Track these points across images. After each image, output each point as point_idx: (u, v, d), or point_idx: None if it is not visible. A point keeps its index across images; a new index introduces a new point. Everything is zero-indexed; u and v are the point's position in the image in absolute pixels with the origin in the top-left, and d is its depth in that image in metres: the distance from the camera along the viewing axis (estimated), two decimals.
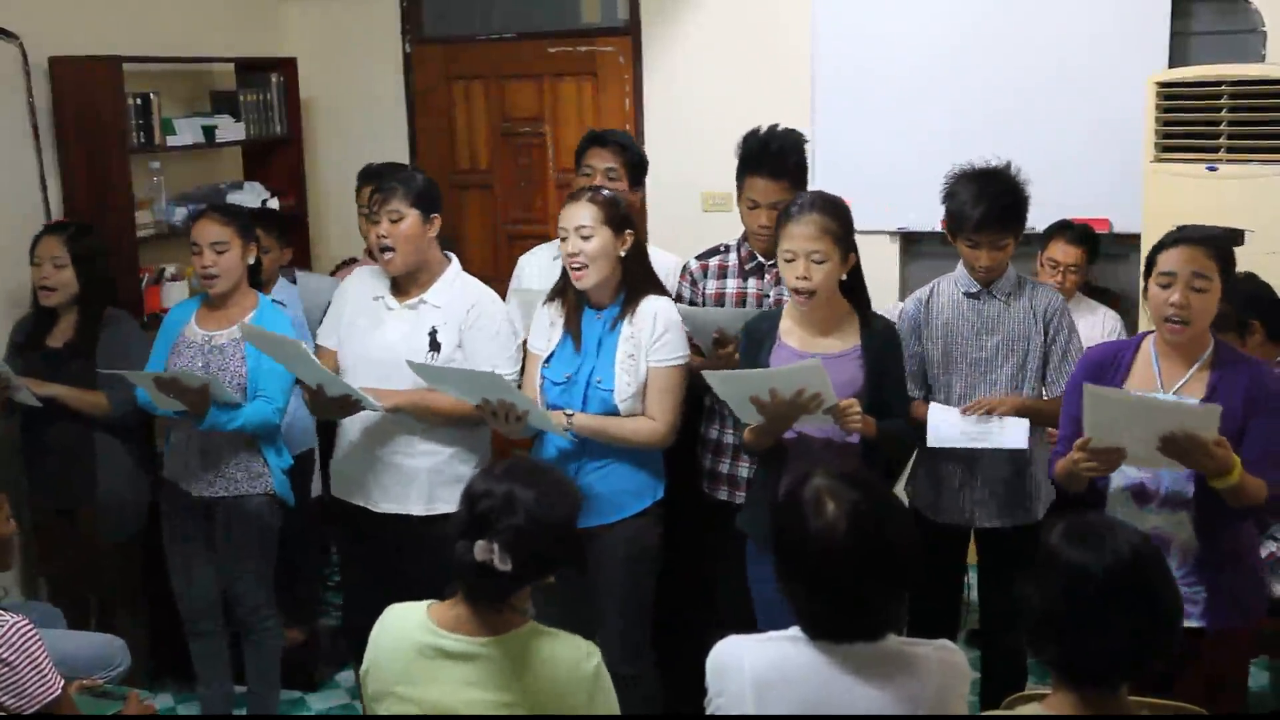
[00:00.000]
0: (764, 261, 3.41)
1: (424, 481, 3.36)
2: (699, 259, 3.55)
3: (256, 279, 3.72)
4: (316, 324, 3.69)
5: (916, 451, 3.36)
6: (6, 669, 2.52)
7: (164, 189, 4.72)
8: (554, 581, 2.23)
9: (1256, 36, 4.48)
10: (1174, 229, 2.79)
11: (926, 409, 3.22)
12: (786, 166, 3.36)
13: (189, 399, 3.38)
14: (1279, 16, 4.43)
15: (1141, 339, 2.84)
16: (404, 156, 5.61)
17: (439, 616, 2.22)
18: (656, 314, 3.18)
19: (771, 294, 3.39)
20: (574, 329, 3.22)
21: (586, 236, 3.14)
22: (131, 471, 3.97)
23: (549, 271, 3.53)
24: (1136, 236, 4.28)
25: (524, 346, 3.37)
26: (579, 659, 2.20)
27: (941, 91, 4.85)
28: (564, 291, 3.27)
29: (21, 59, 4.31)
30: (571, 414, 3.16)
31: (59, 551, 4.08)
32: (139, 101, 4.52)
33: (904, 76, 4.89)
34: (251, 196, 4.98)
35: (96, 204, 4.39)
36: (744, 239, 3.50)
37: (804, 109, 4.97)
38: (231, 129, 4.99)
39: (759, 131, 3.41)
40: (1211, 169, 4.08)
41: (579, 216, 3.16)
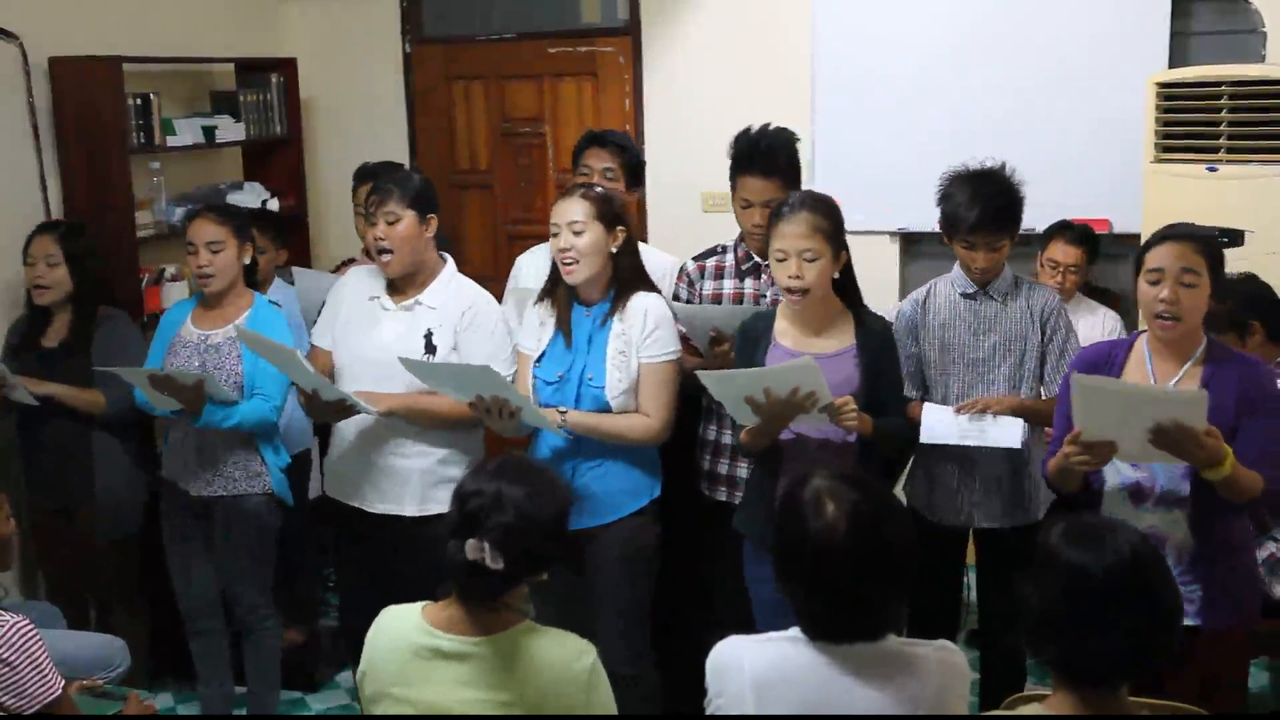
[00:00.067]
0: (760, 262, 3.41)
1: (417, 482, 3.36)
2: (696, 260, 3.54)
3: (253, 279, 3.72)
4: (314, 322, 3.69)
5: (914, 452, 3.36)
6: (7, 669, 2.52)
7: (164, 189, 4.71)
8: (548, 580, 2.23)
9: (1256, 36, 4.48)
10: (1163, 227, 2.81)
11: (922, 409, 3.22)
12: (778, 165, 3.36)
13: (184, 397, 3.39)
14: (1279, 16, 4.43)
15: (1134, 338, 2.85)
16: (404, 156, 5.61)
17: (433, 617, 2.22)
18: (647, 310, 3.18)
19: (768, 294, 3.39)
20: (564, 326, 3.22)
21: (578, 232, 3.14)
22: (129, 470, 3.97)
23: (547, 271, 3.52)
24: (1136, 237, 4.27)
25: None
26: (574, 657, 2.20)
27: (941, 91, 4.85)
28: (554, 290, 3.27)
29: (21, 59, 4.30)
30: (565, 411, 3.16)
31: (57, 550, 4.08)
32: (139, 101, 4.51)
33: (904, 76, 4.90)
34: (251, 197, 4.98)
35: (96, 204, 4.39)
36: (740, 240, 3.50)
37: (804, 109, 4.98)
38: (231, 129, 4.99)
39: (750, 131, 3.42)
40: (1211, 169, 4.08)
41: (571, 212, 3.16)
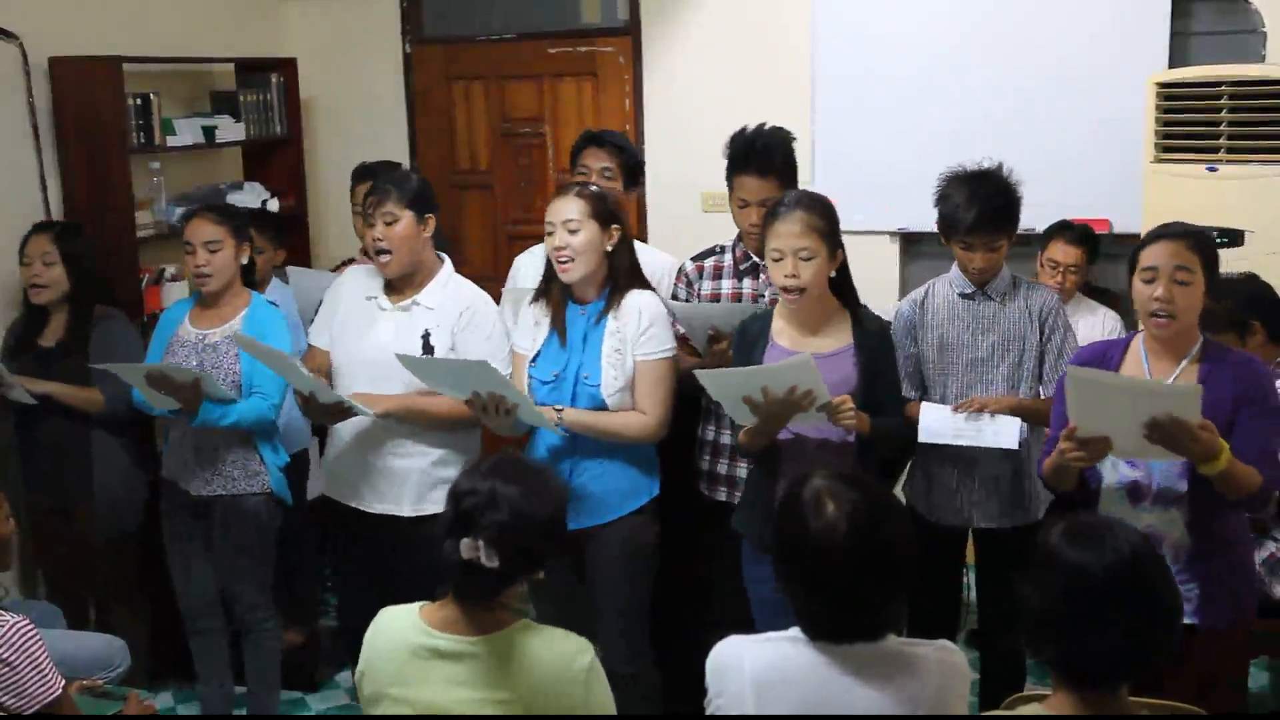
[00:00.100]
0: (759, 261, 3.40)
1: (414, 482, 3.37)
2: (694, 260, 3.55)
3: (250, 279, 3.72)
4: (310, 321, 3.69)
5: (914, 453, 3.36)
6: (7, 669, 2.52)
7: (164, 189, 4.71)
8: (548, 580, 2.23)
9: (1256, 36, 4.48)
10: (1156, 226, 2.81)
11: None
12: (773, 164, 3.37)
13: (181, 395, 3.39)
14: (1279, 16, 4.43)
15: (1131, 337, 2.85)
16: (404, 156, 5.61)
17: (431, 617, 2.23)
18: (641, 308, 3.18)
19: (766, 294, 3.39)
20: (559, 325, 3.22)
21: (574, 230, 3.14)
22: (127, 468, 3.97)
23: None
24: (1137, 237, 4.21)
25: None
26: (572, 655, 2.20)
27: (941, 91, 4.85)
28: (548, 290, 3.27)
29: (21, 59, 4.30)
30: (561, 409, 3.15)
31: (55, 549, 4.08)
32: (139, 101, 4.51)
33: (904, 76, 4.89)
34: (251, 197, 4.98)
35: (96, 204, 4.39)
36: (739, 240, 3.50)
37: (804, 109, 4.98)
38: (231, 129, 4.99)
39: (745, 131, 3.43)
40: (1211, 169, 4.08)
41: (566, 210, 3.16)
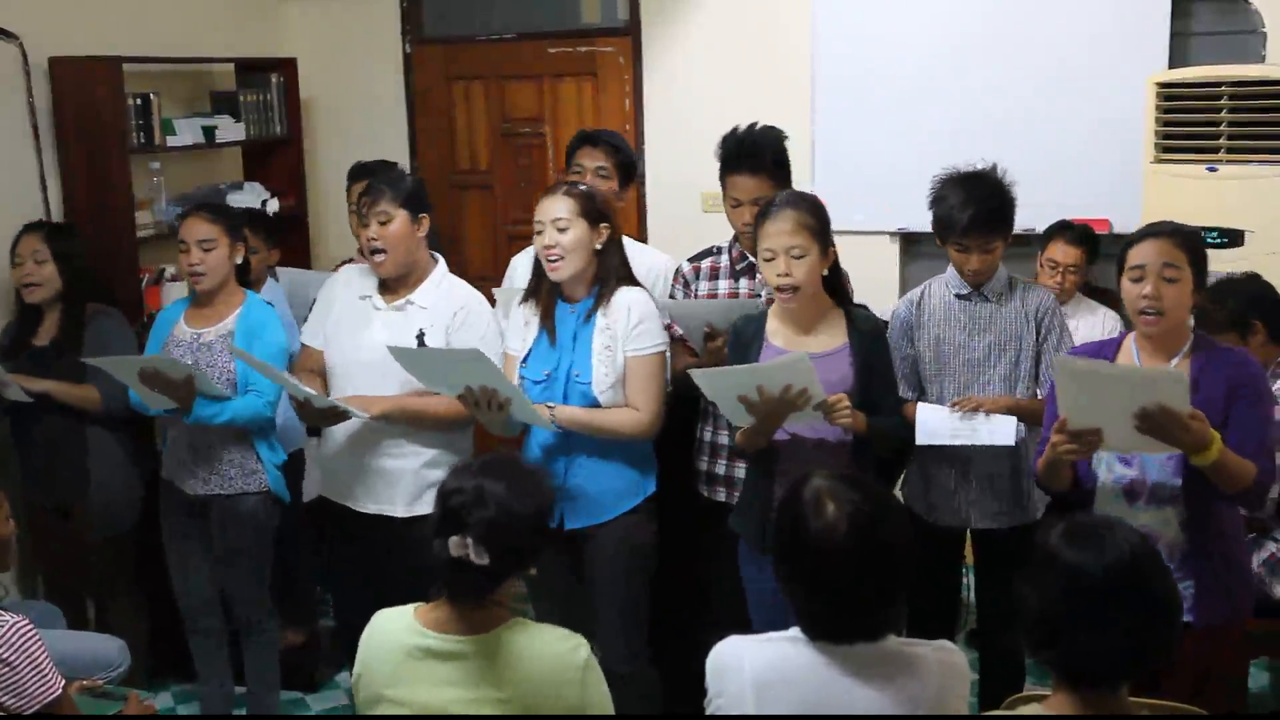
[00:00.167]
0: (755, 261, 3.40)
1: (408, 483, 3.37)
2: (691, 261, 3.55)
3: (245, 279, 3.72)
4: (303, 319, 3.68)
5: (911, 455, 3.36)
6: (6, 669, 2.52)
7: (164, 189, 4.71)
8: (547, 580, 2.23)
9: (1256, 37, 4.47)
10: (1144, 225, 2.83)
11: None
12: (764, 162, 3.37)
13: (173, 392, 3.39)
14: (1279, 17, 4.43)
15: (1123, 336, 2.87)
16: (404, 157, 5.61)
17: (425, 617, 2.23)
18: (631, 304, 3.18)
19: (763, 294, 3.39)
20: (549, 324, 3.22)
21: (563, 229, 3.14)
22: (124, 466, 3.97)
23: None
24: None
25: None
26: (567, 651, 2.21)
27: (941, 91, 4.85)
28: (537, 290, 3.27)
29: (21, 59, 4.30)
30: (554, 406, 3.15)
31: (52, 547, 4.08)
32: (139, 101, 4.51)
33: (904, 76, 4.89)
34: (251, 197, 4.98)
35: (96, 204, 4.39)
36: (735, 240, 3.50)
37: (804, 109, 4.98)
38: (231, 129, 4.99)
39: (736, 131, 3.43)
40: (1211, 169, 4.08)
41: (555, 209, 3.16)
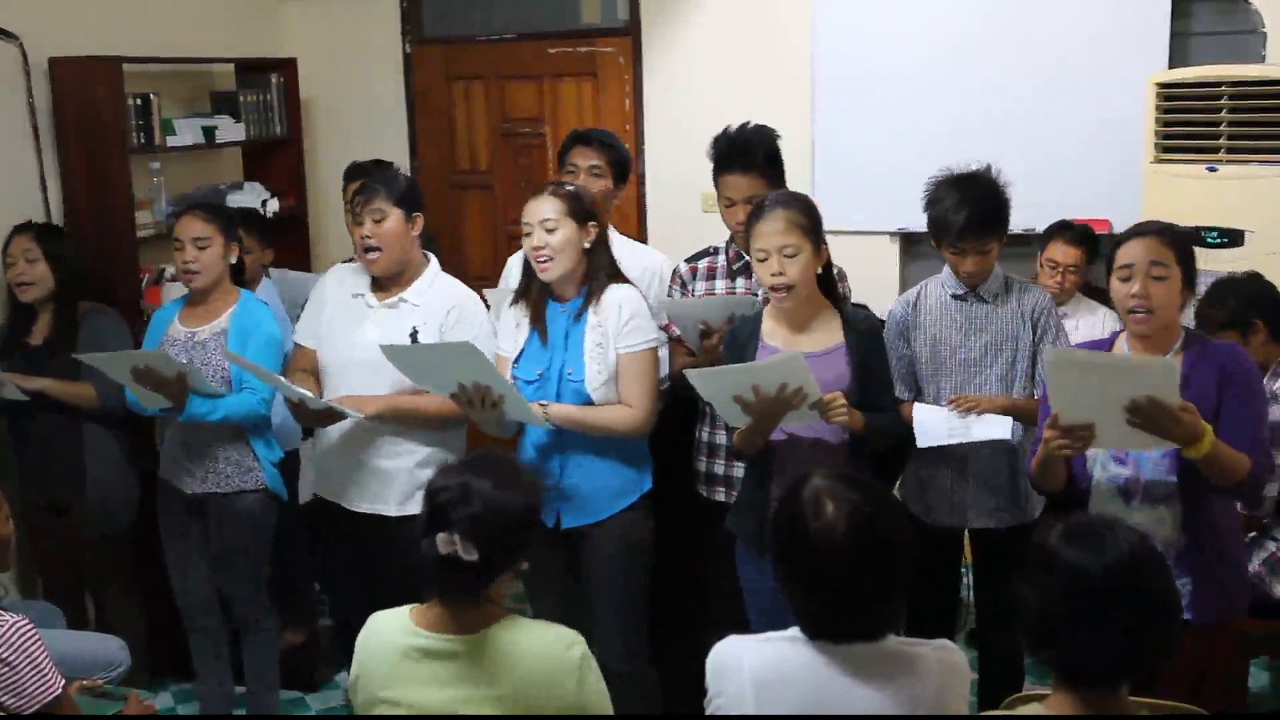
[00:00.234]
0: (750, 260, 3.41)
1: (401, 482, 3.37)
2: (688, 262, 3.55)
3: (240, 279, 3.73)
4: (296, 318, 3.68)
5: (909, 453, 3.36)
6: (6, 669, 2.52)
7: (164, 189, 4.71)
8: (545, 579, 2.22)
9: (1256, 37, 4.48)
10: (1132, 225, 2.84)
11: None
12: (756, 161, 3.37)
13: (166, 390, 3.39)
14: (1279, 16, 4.43)
15: (1115, 336, 2.88)
16: (404, 157, 5.61)
17: (419, 618, 2.23)
18: (621, 302, 3.18)
19: (760, 293, 3.39)
20: (539, 324, 3.22)
21: (551, 229, 3.14)
22: (120, 465, 3.97)
23: None
24: None
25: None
26: (562, 647, 2.21)
27: (941, 91, 4.85)
28: (527, 290, 3.27)
29: (21, 59, 4.30)
30: (547, 404, 3.15)
31: (48, 545, 4.08)
32: (139, 102, 4.51)
33: (904, 76, 4.90)
34: (251, 197, 4.98)
35: (96, 204, 4.39)
36: (731, 240, 3.50)
37: (804, 109, 4.98)
38: (231, 129, 4.99)
39: (728, 130, 3.43)
40: (1211, 169, 4.08)
41: (543, 210, 3.16)
